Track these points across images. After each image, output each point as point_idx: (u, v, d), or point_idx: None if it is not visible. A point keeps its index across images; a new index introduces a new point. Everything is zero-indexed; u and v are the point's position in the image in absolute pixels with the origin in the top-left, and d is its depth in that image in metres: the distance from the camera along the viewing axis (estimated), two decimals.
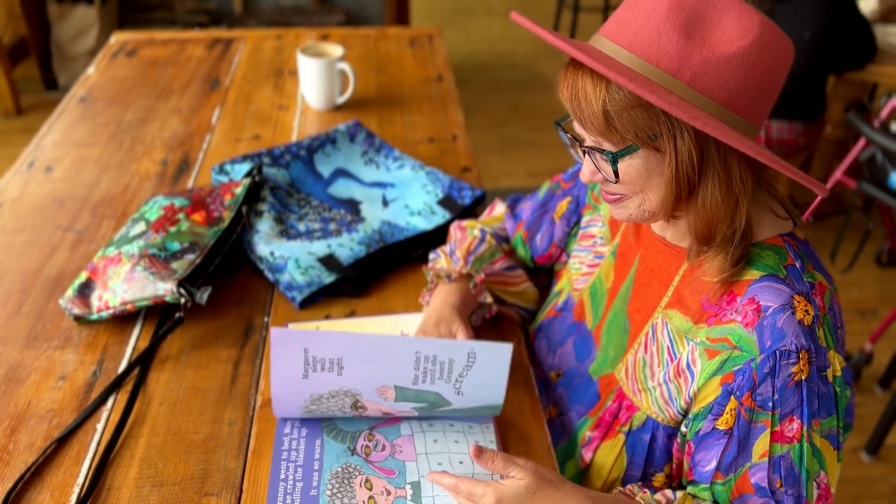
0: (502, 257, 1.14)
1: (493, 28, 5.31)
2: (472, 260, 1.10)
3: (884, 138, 2.34)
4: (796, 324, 0.79)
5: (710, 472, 0.84)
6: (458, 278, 1.08)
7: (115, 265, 1.12)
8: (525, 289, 1.16)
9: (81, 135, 1.61)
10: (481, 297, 1.09)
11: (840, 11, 2.62)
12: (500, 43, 5.06)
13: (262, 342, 1.10)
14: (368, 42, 2.08)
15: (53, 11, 3.49)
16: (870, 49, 2.74)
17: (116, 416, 0.98)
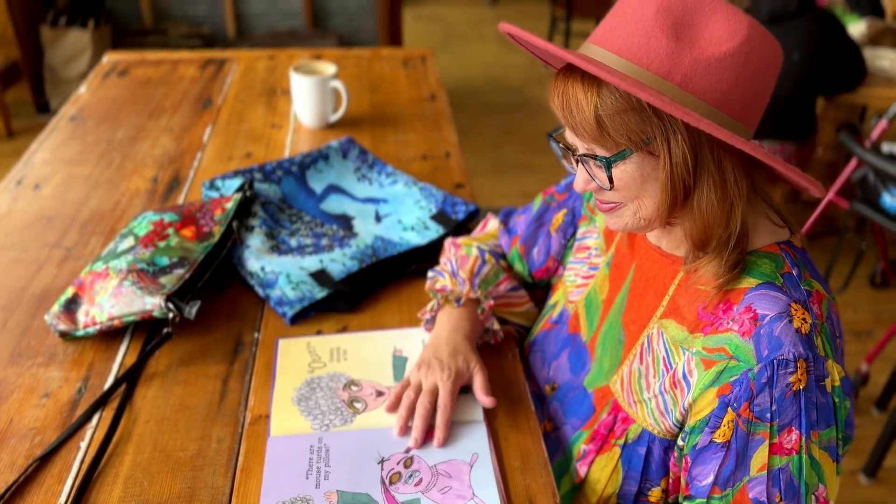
0: (506, 278, 1.13)
1: (485, 54, 5.36)
2: (478, 282, 1.09)
3: (875, 158, 2.35)
4: (794, 332, 0.78)
5: (708, 486, 0.82)
6: (465, 302, 1.07)
7: (102, 280, 1.10)
8: (528, 309, 1.14)
9: (71, 153, 1.60)
10: (488, 323, 1.08)
11: (829, 34, 2.65)
12: (492, 68, 5.09)
13: (251, 358, 1.08)
14: (361, 62, 2.08)
15: (46, 35, 3.49)
16: (860, 72, 2.77)
17: (101, 434, 0.95)
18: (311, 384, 1.02)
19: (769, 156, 0.73)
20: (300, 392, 1.00)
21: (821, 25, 2.63)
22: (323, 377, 1.03)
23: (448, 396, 0.95)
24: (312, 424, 0.96)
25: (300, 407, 0.98)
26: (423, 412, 0.94)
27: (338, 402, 0.99)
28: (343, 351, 1.07)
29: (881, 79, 2.94)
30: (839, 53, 2.68)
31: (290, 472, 0.89)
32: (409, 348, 1.08)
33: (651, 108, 0.75)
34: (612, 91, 0.76)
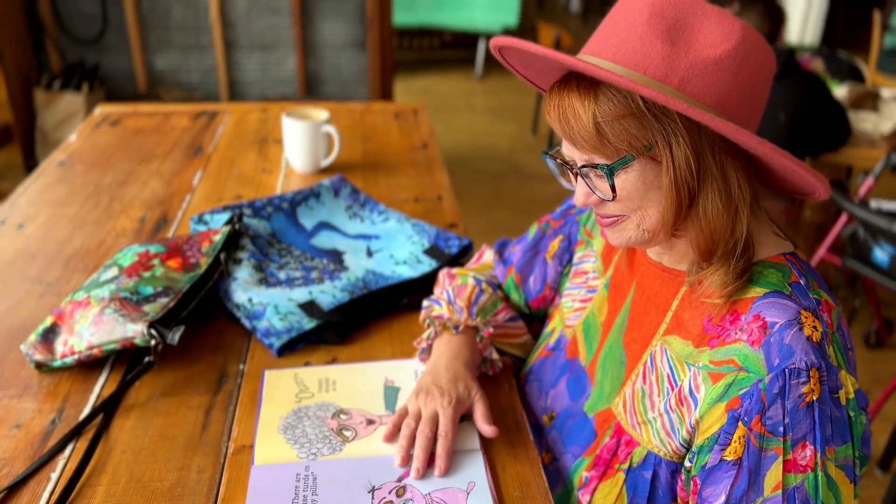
0: (504, 308, 1.10)
1: (474, 123, 5.44)
2: (476, 311, 1.06)
3: (865, 213, 2.36)
4: (804, 340, 0.75)
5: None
6: (464, 330, 1.04)
7: (83, 309, 1.06)
8: (526, 340, 1.11)
9: (58, 195, 1.57)
10: (487, 353, 1.04)
11: (815, 95, 2.70)
12: (480, 137, 5.17)
13: (236, 389, 1.03)
14: (354, 115, 2.09)
15: (40, 98, 3.52)
16: (844, 131, 2.81)
17: (74, 464, 0.89)
18: (298, 413, 0.97)
19: (775, 147, 0.72)
20: (286, 421, 0.95)
21: (806, 87, 2.68)
22: (311, 407, 0.98)
23: (450, 424, 0.90)
24: (299, 453, 0.90)
25: (286, 435, 0.93)
26: (425, 441, 0.89)
27: (326, 430, 0.94)
28: (332, 381, 1.03)
29: (864, 140, 2.99)
30: (824, 114, 2.73)
31: (275, 501, 0.83)
32: (401, 379, 1.04)
33: (650, 113, 0.74)
34: (609, 97, 0.75)
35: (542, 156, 0.88)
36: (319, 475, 0.87)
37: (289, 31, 3.92)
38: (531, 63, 0.83)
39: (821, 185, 0.76)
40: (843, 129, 2.80)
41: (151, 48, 3.84)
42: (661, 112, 0.74)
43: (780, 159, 0.73)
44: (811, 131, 2.72)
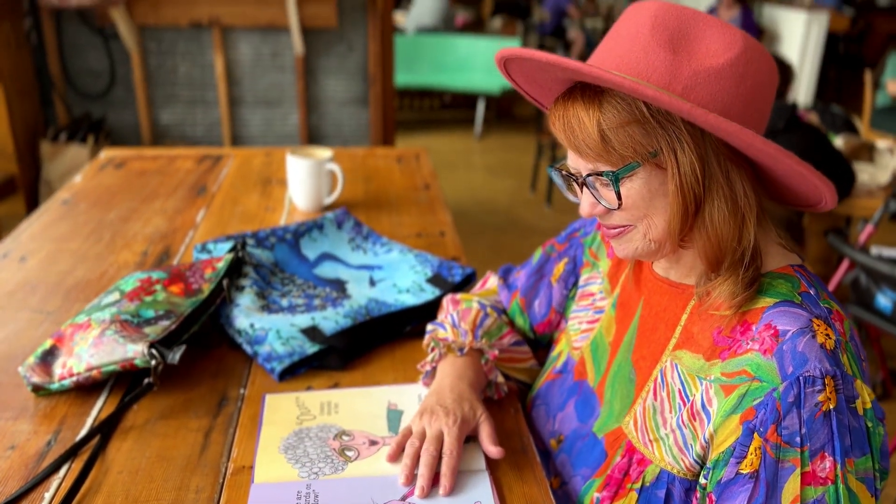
0: (509, 332, 1.09)
1: (474, 180, 5.50)
2: (481, 333, 1.05)
3: (867, 258, 2.36)
4: (818, 347, 0.73)
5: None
6: (469, 352, 1.03)
7: (83, 331, 1.05)
8: (531, 366, 1.09)
9: (61, 231, 1.58)
10: (492, 376, 1.03)
11: (817, 147, 2.73)
12: (480, 192, 5.21)
13: (236, 412, 1.01)
14: (356, 159, 2.11)
15: (46, 150, 3.56)
16: (850, 179, 2.83)
17: (68, 484, 0.87)
18: (299, 434, 0.95)
19: (780, 148, 0.72)
20: (287, 441, 0.93)
21: (810, 139, 2.72)
22: (312, 428, 0.96)
23: (455, 443, 0.88)
24: (300, 472, 0.88)
25: (287, 455, 0.91)
26: (429, 460, 0.87)
27: (328, 450, 0.92)
28: (334, 405, 1.01)
29: (863, 191, 3.02)
30: (829, 163, 2.76)
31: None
32: (404, 402, 1.02)
33: (655, 119, 0.75)
34: (614, 105, 0.76)
35: (548, 169, 0.89)
36: (321, 493, 0.84)
37: (293, 88, 4.00)
38: (536, 78, 0.84)
39: (827, 190, 0.76)
40: (849, 176, 2.82)
41: (157, 103, 3.91)
42: (665, 119, 0.75)
43: (784, 160, 0.73)
44: None
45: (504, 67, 0.85)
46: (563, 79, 0.80)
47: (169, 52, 3.84)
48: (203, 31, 3.79)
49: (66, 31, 3.71)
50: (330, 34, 3.88)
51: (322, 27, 3.82)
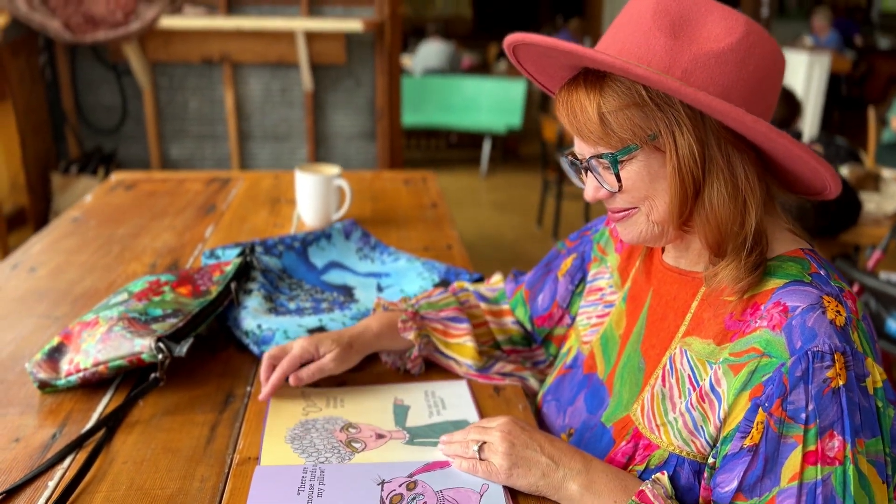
0: (454, 309, 1.12)
1: (479, 216, 5.52)
2: (423, 303, 1.11)
3: (877, 282, 2.35)
4: (828, 323, 0.73)
5: (731, 492, 0.73)
6: (391, 310, 1.09)
7: (91, 328, 1.05)
8: (464, 342, 1.09)
9: (70, 244, 1.59)
10: (405, 334, 1.06)
11: None
12: (485, 227, 5.23)
13: (242, 409, 1.00)
14: (364, 181, 2.13)
15: (57, 182, 3.60)
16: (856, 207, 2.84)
17: (72, 474, 0.86)
18: (305, 425, 0.94)
19: (772, 127, 0.72)
20: (293, 432, 0.92)
21: None
22: (318, 420, 0.95)
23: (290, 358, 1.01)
24: (307, 460, 0.87)
25: (293, 445, 0.90)
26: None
27: (335, 441, 0.91)
28: (340, 399, 1.00)
29: (869, 220, 3.02)
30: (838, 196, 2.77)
31: (280, 486, 0.80)
32: (410, 398, 1.01)
33: (654, 102, 0.76)
34: (614, 89, 0.77)
35: (557, 155, 0.90)
36: (327, 472, 0.83)
37: (301, 123, 4.05)
38: (544, 67, 0.85)
39: (828, 173, 0.76)
40: (855, 205, 2.83)
41: (167, 138, 3.96)
42: (664, 102, 0.76)
43: (778, 139, 0.73)
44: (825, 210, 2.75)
45: (514, 57, 0.86)
46: (569, 65, 0.82)
47: (180, 88, 3.90)
48: (214, 67, 3.86)
49: (80, 67, 3.79)
50: (338, 70, 3.94)
51: (331, 63, 3.89)
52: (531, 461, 0.82)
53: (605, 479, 0.80)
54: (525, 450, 0.83)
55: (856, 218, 2.86)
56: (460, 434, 0.88)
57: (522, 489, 0.82)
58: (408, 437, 0.92)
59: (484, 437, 0.85)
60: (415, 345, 1.06)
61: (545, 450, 0.83)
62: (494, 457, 0.83)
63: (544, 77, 0.88)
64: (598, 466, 0.82)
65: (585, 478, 0.80)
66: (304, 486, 0.80)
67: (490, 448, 0.84)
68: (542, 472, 0.81)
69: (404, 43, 8.39)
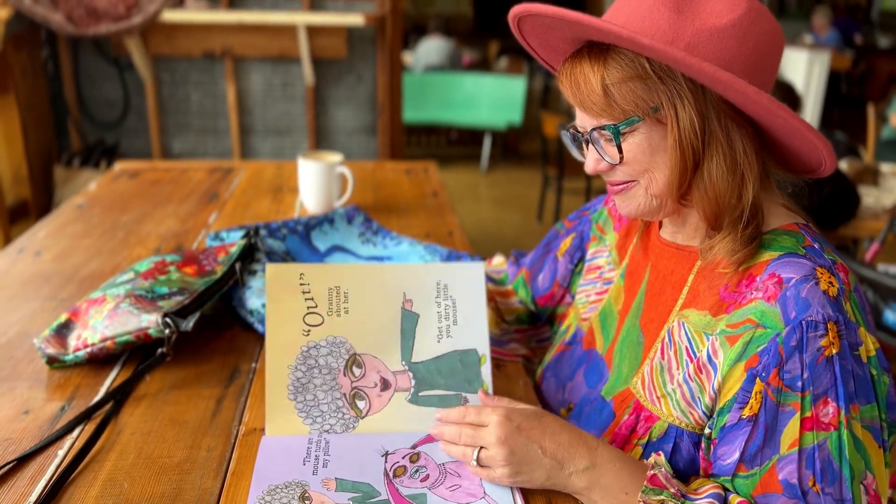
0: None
1: (480, 212, 5.54)
2: None
3: (875, 273, 2.37)
4: (821, 294, 0.75)
5: (733, 464, 0.75)
6: None
7: (98, 305, 1.06)
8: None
9: (75, 230, 1.60)
10: None
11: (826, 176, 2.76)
12: (486, 223, 5.25)
13: (248, 384, 1.02)
14: (366, 171, 2.15)
15: (59, 175, 3.62)
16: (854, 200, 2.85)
17: (81, 444, 0.87)
18: (307, 361, 0.92)
19: (773, 99, 0.74)
20: (295, 376, 0.91)
21: None
22: (321, 348, 0.93)
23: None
24: (311, 428, 0.88)
25: (297, 404, 0.90)
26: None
27: (338, 398, 0.91)
28: (343, 294, 0.95)
29: (868, 213, 3.04)
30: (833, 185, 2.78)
31: (286, 457, 0.81)
32: (419, 295, 0.96)
33: (656, 75, 0.77)
34: (617, 61, 0.79)
35: (559, 129, 0.91)
36: (332, 440, 0.85)
37: (302, 118, 4.07)
38: (547, 40, 0.87)
39: (824, 148, 0.78)
40: (853, 198, 2.85)
41: (169, 131, 3.98)
42: (666, 75, 0.77)
43: (778, 111, 0.74)
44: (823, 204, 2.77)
45: (518, 31, 0.87)
46: (572, 38, 0.83)
47: (182, 82, 3.92)
48: (216, 61, 3.87)
49: (83, 61, 3.80)
50: (340, 65, 3.96)
51: (332, 58, 3.90)
52: (533, 464, 0.79)
53: (613, 472, 0.78)
54: (525, 454, 0.79)
55: (854, 211, 2.88)
56: (456, 413, 0.86)
57: (529, 488, 0.81)
58: (412, 392, 0.92)
59: (478, 441, 0.82)
60: None
61: (547, 450, 0.79)
62: (495, 465, 0.80)
63: (547, 51, 0.89)
64: (603, 456, 0.79)
65: (592, 473, 0.78)
66: (309, 457, 0.82)
67: (488, 457, 0.80)
68: (547, 475, 0.79)
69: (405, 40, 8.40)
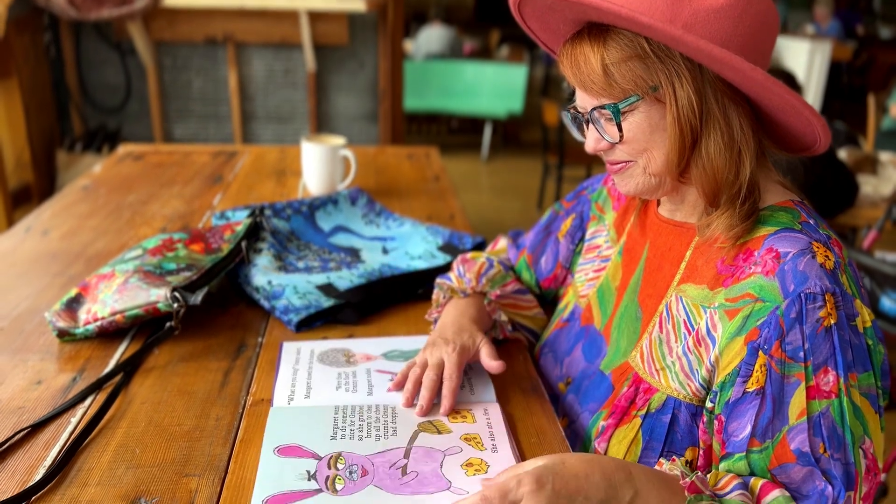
0: (513, 281, 1.13)
1: (480, 200, 5.56)
2: (485, 280, 1.09)
3: (872, 260, 2.39)
4: (818, 267, 0.77)
5: (745, 439, 0.77)
6: (472, 295, 1.07)
7: (107, 280, 1.08)
8: (536, 314, 1.13)
9: (82, 210, 1.62)
10: (496, 315, 1.07)
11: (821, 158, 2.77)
12: (487, 212, 5.26)
13: (255, 357, 1.04)
14: (368, 155, 2.16)
15: (61, 159, 3.63)
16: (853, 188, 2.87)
17: (93, 412, 0.90)
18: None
19: (767, 76, 0.76)
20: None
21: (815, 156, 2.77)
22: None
23: (454, 367, 0.92)
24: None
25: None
26: (430, 384, 0.91)
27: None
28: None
29: (866, 202, 3.06)
30: (832, 173, 2.80)
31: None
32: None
33: (655, 55, 0.79)
34: (617, 42, 0.80)
35: (560, 110, 0.93)
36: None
37: (304, 104, 4.08)
38: (548, 22, 0.89)
39: (819, 124, 0.80)
40: (852, 186, 2.86)
41: (171, 117, 3.99)
42: (665, 54, 0.79)
43: (773, 87, 0.76)
44: (822, 191, 2.78)
45: (518, 13, 0.89)
46: (573, 20, 0.85)
47: (184, 68, 3.93)
48: (218, 47, 3.88)
49: (84, 46, 3.81)
50: (341, 51, 3.96)
51: (334, 44, 3.91)
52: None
53: (654, 490, 0.72)
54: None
55: (853, 200, 2.90)
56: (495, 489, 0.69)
57: None
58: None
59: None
60: (507, 323, 1.07)
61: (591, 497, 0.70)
62: None
63: (548, 35, 0.91)
64: (640, 479, 0.73)
65: (638, 500, 0.71)
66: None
67: None
68: None
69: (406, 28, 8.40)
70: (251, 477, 0.78)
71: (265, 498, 0.74)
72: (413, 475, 0.78)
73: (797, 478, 0.75)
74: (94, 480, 0.78)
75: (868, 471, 0.75)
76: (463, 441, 0.84)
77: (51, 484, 0.77)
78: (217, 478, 0.79)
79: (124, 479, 0.78)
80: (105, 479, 0.78)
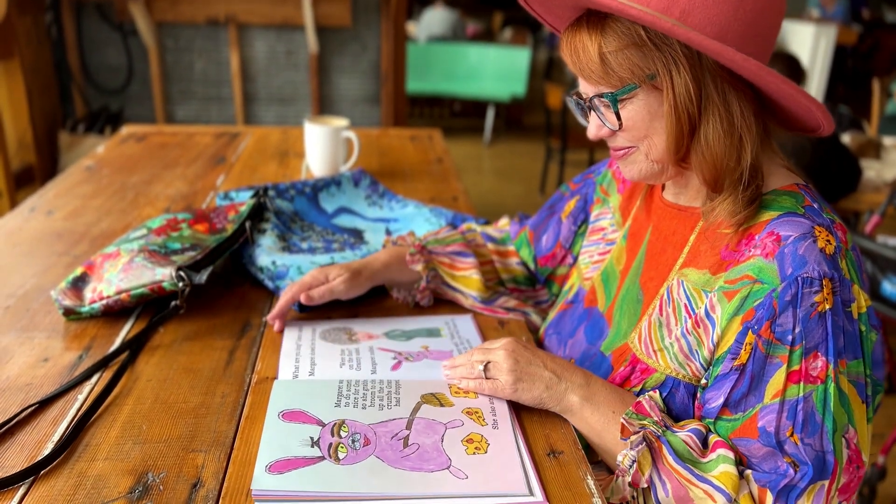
0: (460, 244, 1.17)
1: (483, 184, 5.55)
2: (430, 239, 1.16)
3: (873, 244, 2.39)
4: (818, 251, 0.77)
5: (717, 407, 0.79)
6: (402, 245, 1.15)
7: (112, 259, 1.09)
8: (470, 274, 1.15)
9: (85, 190, 1.63)
10: (413, 266, 1.12)
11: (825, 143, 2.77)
12: (489, 195, 5.26)
13: (259, 336, 1.05)
14: (371, 138, 2.16)
15: (64, 140, 3.63)
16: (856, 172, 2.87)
17: (100, 389, 0.91)
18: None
19: (761, 66, 0.75)
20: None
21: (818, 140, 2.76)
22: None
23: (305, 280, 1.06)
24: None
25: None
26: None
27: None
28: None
29: (869, 187, 3.06)
30: (835, 158, 2.80)
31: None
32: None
33: (652, 42, 0.79)
34: (614, 30, 0.80)
35: (565, 96, 0.94)
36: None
37: (306, 86, 4.07)
38: (551, 7, 0.88)
39: (818, 110, 0.79)
40: (855, 171, 2.86)
41: (173, 99, 3.98)
42: (662, 42, 0.79)
43: (766, 77, 0.76)
44: (825, 175, 2.78)
45: None
46: (573, 6, 0.84)
47: (186, 49, 3.91)
48: (220, 28, 3.87)
49: (86, 27, 3.79)
50: (344, 33, 3.95)
51: (336, 26, 3.89)
52: (535, 375, 0.87)
53: (605, 392, 0.86)
54: (529, 366, 0.88)
55: (856, 184, 2.90)
56: (464, 357, 0.93)
57: (527, 402, 0.87)
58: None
59: (488, 356, 0.90)
60: (422, 276, 1.11)
61: (548, 365, 0.88)
62: (500, 374, 0.88)
63: (552, 17, 0.91)
64: (597, 381, 0.87)
65: (586, 390, 0.86)
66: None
67: (495, 366, 0.89)
68: (546, 385, 0.86)
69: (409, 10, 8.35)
70: (257, 452, 0.79)
71: (268, 463, 0.76)
72: (414, 447, 0.79)
73: (758, 454, 0.76)
74: (102, 455, 0.79)
75: (850, 461, 0.75)
76: (465, 415, 0.85)
77: (59, 458, 0.78)
78: (223, 453, 0.80)
79: (132, 454, 0.79)
80: (112, 454, 0.79)
